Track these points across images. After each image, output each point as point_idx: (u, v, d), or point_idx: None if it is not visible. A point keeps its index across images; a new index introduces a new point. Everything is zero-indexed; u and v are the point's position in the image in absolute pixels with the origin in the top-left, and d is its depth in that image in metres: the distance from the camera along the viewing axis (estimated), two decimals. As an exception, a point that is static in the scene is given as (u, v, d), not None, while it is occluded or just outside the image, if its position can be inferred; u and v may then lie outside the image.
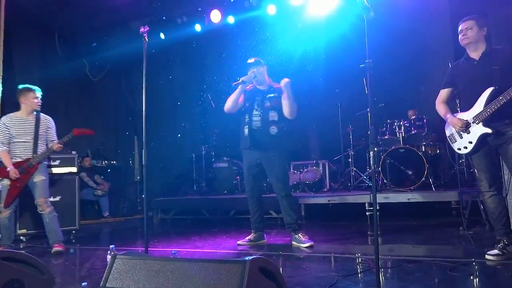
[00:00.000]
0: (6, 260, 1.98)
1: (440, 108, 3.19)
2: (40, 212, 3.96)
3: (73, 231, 4.93)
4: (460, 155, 5.33)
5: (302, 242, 3.71)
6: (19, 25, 6.16)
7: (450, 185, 5.34)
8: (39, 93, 4.11)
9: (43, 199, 3.94)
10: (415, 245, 3.71)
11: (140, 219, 6.85)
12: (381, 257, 2.92)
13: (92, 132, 4.31)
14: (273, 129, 3.77)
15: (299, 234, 3.78)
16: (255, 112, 3.83)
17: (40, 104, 4.10)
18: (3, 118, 4.03)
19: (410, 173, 5.11)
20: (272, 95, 3.85)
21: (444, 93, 3.19)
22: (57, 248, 3.87)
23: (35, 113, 4.09)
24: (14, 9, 5.04)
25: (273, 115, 3.78)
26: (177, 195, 7.15)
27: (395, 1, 5.93)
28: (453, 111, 3.22)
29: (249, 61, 3.94)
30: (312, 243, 3.69)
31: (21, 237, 4.65)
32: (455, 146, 3.10)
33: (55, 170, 4.89)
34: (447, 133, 3.19)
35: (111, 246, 2.75)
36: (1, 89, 4.92)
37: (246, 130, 3.83)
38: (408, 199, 4.86)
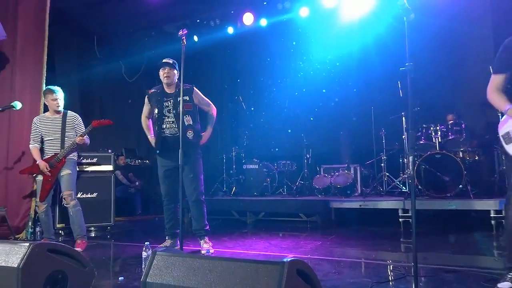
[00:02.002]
0: (51, 252, 2.08)
1: (495, 97, 2.51)
2: (65, 205, 4.11)
3: (108, 227, 5.11)
4: (500, 161, 5.11)
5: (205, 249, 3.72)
6: (61, 29, 6.45)
7: (489, 193, 5.12)
8: (56, 94, 4.11)
9: (68, 192, 4.06)
10: (451, 254, 3.58)
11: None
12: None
13: (111, 122, 4.27)
14: (190, 134, 3.79)
15: (205, 239, 3.79)
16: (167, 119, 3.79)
17: (58, 105, 4.13)
18: (35, 118, 4.24)
19: (446, 179, 4.93)
20: (186, 98, 3.74)
21: (498, 79, 2.51)
22: (77, 248, 3.92)
23: (62, 111, 4.20)
24: (56, 14, 5.30)
25: (188, 119, 3.76)
26: (207, 196, 7.22)
27: (434, 1, 5.77)
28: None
29: (165, 60, 3.79)
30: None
31: (60, 231, 4.87)
32: (511, 149, 2.42)
33: (92, 168, 5.10)
34: (502, 131, 2.46)
35: (146, 243, 2.84)
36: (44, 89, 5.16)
37: (161, 137, 3.84)
38: (445, 207, 4.70)
